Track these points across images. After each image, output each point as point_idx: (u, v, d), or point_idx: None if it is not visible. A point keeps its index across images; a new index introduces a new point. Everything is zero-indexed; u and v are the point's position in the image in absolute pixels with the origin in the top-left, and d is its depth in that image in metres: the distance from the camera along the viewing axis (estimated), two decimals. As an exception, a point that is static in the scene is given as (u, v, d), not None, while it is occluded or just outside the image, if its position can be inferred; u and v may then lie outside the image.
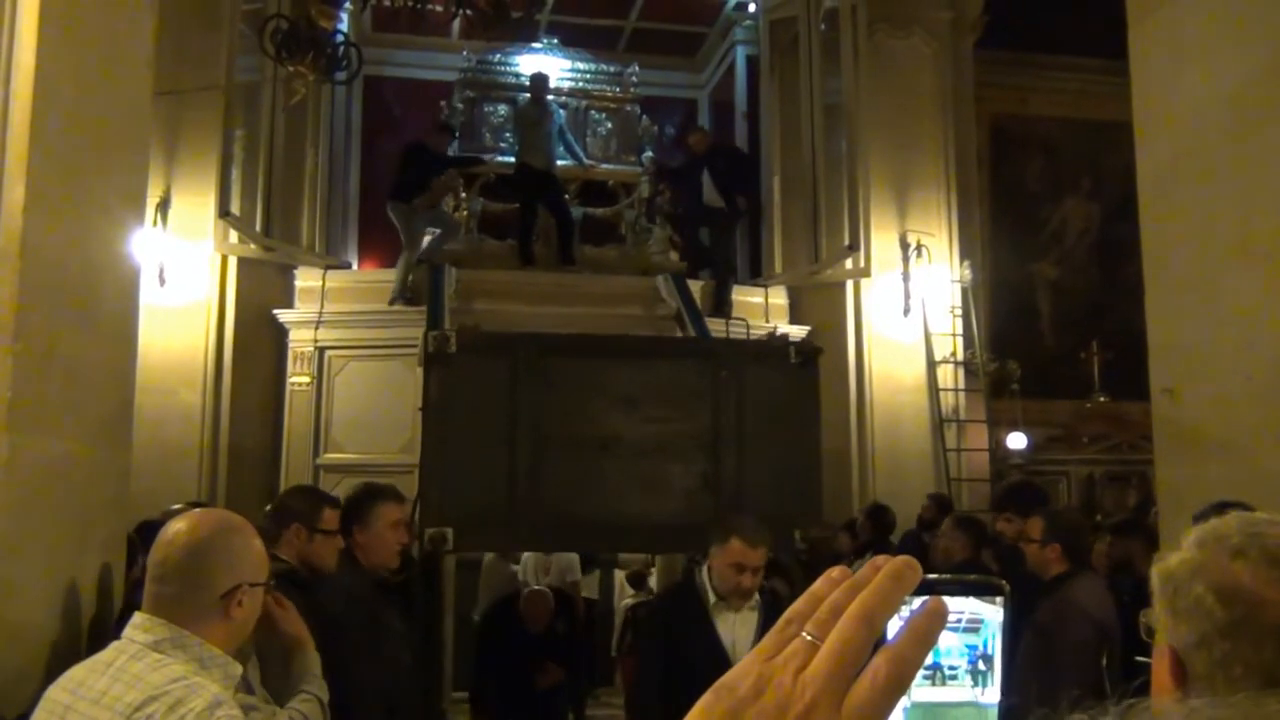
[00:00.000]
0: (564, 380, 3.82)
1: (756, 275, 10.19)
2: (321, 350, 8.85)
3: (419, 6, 6.27)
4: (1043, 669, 3.20)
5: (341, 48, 7.54)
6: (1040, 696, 0.71)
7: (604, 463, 3.70)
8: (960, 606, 0.63)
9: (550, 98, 9.99)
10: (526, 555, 8.45)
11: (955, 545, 5.06)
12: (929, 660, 0.57)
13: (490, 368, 3.81)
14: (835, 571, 0.59)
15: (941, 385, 9.22)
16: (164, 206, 8.14)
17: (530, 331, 7.06)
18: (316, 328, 8.84)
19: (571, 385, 3.81)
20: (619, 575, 9.23)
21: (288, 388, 8.78)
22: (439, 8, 6.94)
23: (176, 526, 1.94)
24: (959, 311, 9.44)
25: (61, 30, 3.34)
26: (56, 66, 3.29)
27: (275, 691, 2.42)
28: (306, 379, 8.79)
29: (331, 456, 8.64)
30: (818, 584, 0.58)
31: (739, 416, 3.82)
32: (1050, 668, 3.29)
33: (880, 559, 0.58)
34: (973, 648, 0.65)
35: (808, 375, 4.03)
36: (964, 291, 9.52)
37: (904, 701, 0.55)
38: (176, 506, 4.45)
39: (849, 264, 9.16)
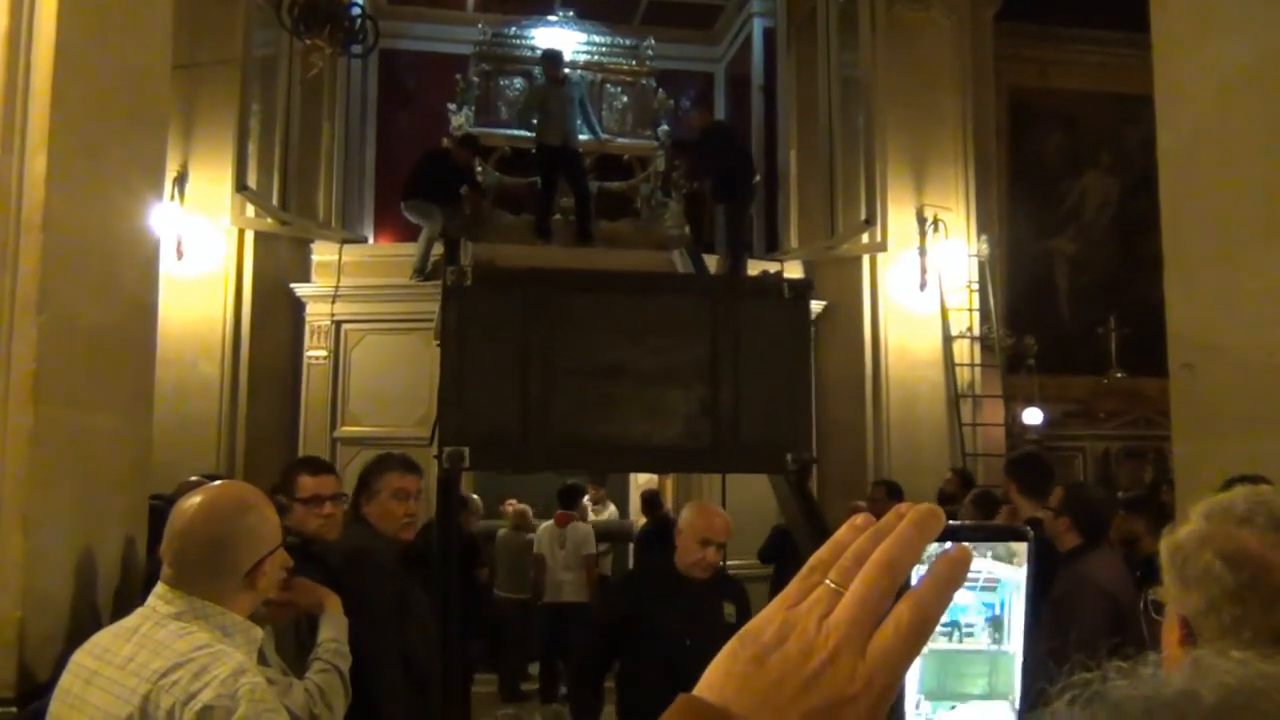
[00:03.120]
0: (572, 312, 4.03)
1: (773, 250, 10.16)
2: (338, 324, 8.89)
3: (435, -21, 6.24)
4: (1056, 640, 3.21)
5: (358, 21, 7.52)
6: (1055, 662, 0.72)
7: (610, 389, 3.91)
8: (978, 566, 0.63)
9: (566, 71, 9.95)
10: (541, 529, 8.52)
11: (970, 520, 5.10)
12: (947, 617, 0.58)
13: (504, 300, 4.01)
14: (859, 519, 0.59)
15: (958, 360, 9.20)
16: (181, 181, 8.18)
17: (541, 267, 7.26)
18: (333, 301, 8.88)
19: (579, 317, 4.02)
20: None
21: (305, 361, 8.83)
22: (455, -20, 6.91)
23: (194, 506, 1.94)
24: (976, 286, 9.40)
25: (81, 4, 3.34)
26: (76, 40, 3.30)
27: (291, 661, 2.45)
28: (323, 352, 8.83)
29: (348, 430, 8.69)
30: (841, 531, 0.59)
31: (735, 348, 4.03)
32: (1064, 641, 3.30)
33: (904, 506, 0.58)
34: (989, 605, 0.65)
35: (800, 309, 4.24)
36: (981, 266, 9.48)
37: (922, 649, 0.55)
38: (193, 478, 4.49)
39: (865, 238, 9.13)
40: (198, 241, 8.27)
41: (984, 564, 0.64)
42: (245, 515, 1.96)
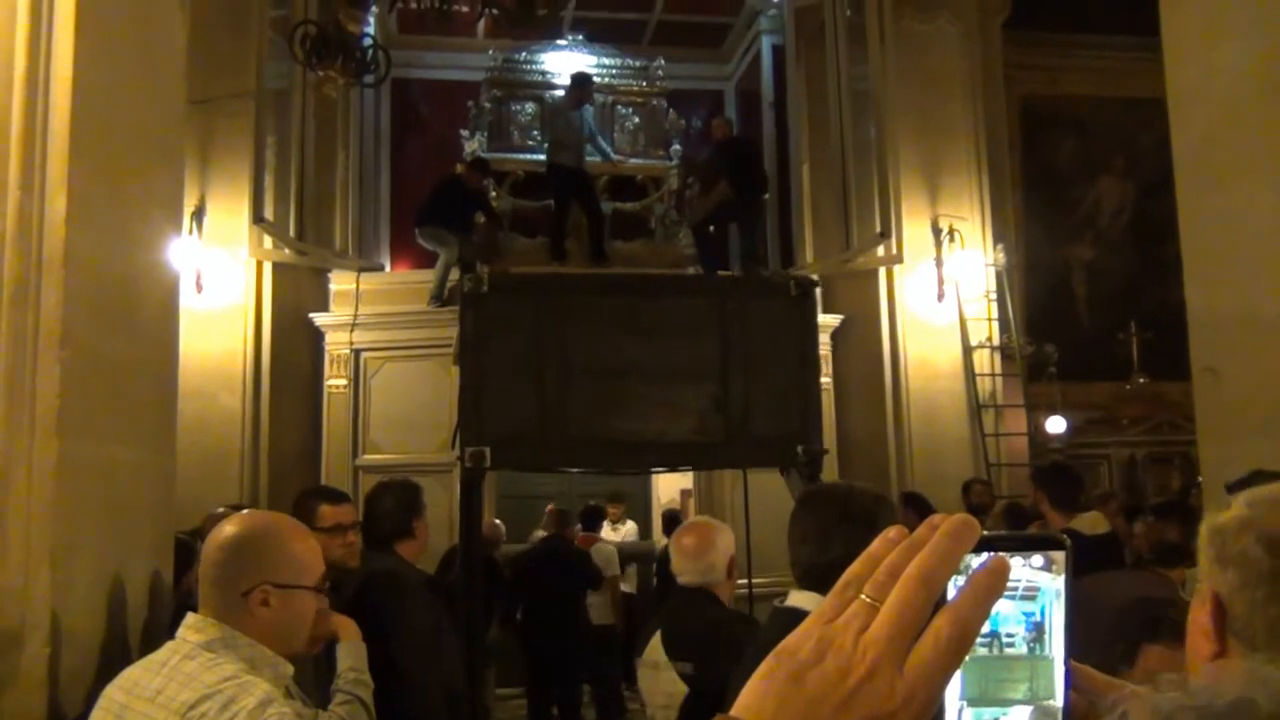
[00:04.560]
0: (586, 315, 4.13)
1: (788, 265, 10.16)
2: (357, 352, 8.92)
3: (445, 8, 6.29)
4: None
5: (370, 51, 7.58)
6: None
7: (623, 387, 4.00)
8: (1017, 575, 0.63)
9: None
10: (565, 551, 8.50)
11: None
12: (986, 627, 0.57)
13: (519, 305, 4.12)
14: (892, 532, 0.58)
15: (978, 370, 9.15)
16: (199, 214, 8.25)
17: (554, 272, 7.31)
18: (352, 330, 8.92)
19: (593, 319, 4.11)
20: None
21: (325, 390, 8.86)
22: (465, 8, 6.97)
23: (221, 526, 2.00)
24: (994, 296, 9.37)
25: (97, 44, 3.39)
26: (93, 79, 3.34)
27: (309, 691, 2.45)
28: (343, 381, 8.87)
29: (370, 458, 8.71)
30: (875, 544, 0.58)
31: (744, 345, 4.11)
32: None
33: (937, 517, 0.57)
34: (1029, 614, 0.65)
35: (806, 306, 4.32)
36: (998, 275, 9.45)
37: None
38: (220, 510, 4.52)
39: (881, 251, 9.11)
40: (217, 274, 8.34)
41: (1023, 573, 0.64)
42: (259, 534, 1.97)
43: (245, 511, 2.07)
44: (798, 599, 2.04)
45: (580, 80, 9.90)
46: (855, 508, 2.04)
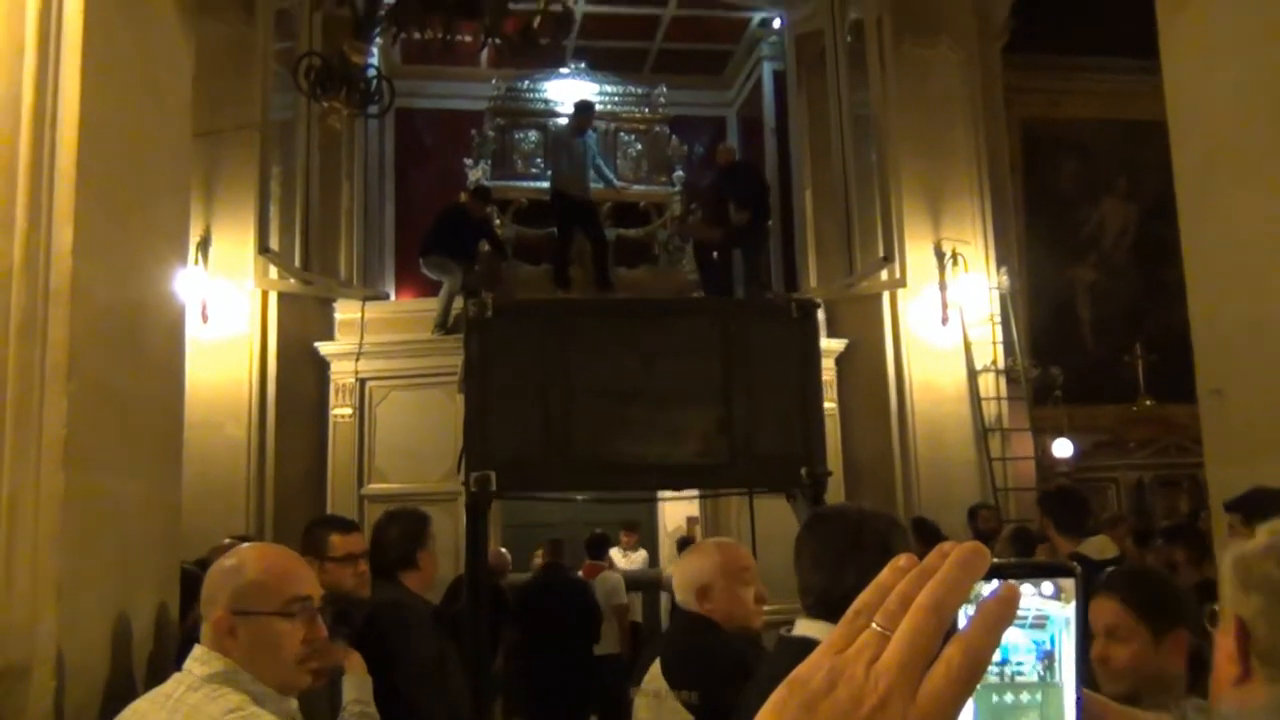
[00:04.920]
0: (589, 338, 4.15)
1: (792, 289, 10.17)
2: (362, 381, 8.93)
3: (448, 38, 6.34)
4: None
5: (374, 82, 7.63)
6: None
7: (627, 410, 4.02)
8: (1026, 603, 0.62)
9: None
10: (571, 580, 8.47)
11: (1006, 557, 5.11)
12: (997, 656, 0.57)
13: (523, 329, 4.15)
14: (902, 559, 0.58)
15: (984, 394, 9.14)
16: (205, 245, 8.28)
17: (557, 298, 7.30)
18: (357, 359, 8.93)
19: (595, 342, 4.14)
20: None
21: (330, 419, 8.86)
22: (468, 38, 7.01)
23: (221, 562, 2.01)
24: (998, 319, 9.36)
25: (103, 77, 3.42)
26: (99, 113, 3.37)
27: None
28: (349, 410, 8.87)
29: (375, 487, 8.70)
30: (884, 573, 0.58)
31: (747, 367, 4.13)
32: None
33: (947, 545, 0.57)
34: (1039, 644, 0.64)
35: (808, 328, 4.33)
36: (1002, 298, 9.45)
37: None
38: (226, 541, 4.51)
39: (884, 275, 9.12)
40: (222, 305, 8.36)
41: (1032, 601, 0.64)
42: (226, 563, 1.97)
43: (250, 543, 2.08)
44: (807, 628, 1.97)
45: (582, 107, 9.98)
46: (868, 533, 1.96)
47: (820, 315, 9.44)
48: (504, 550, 8.50)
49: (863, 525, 2.01)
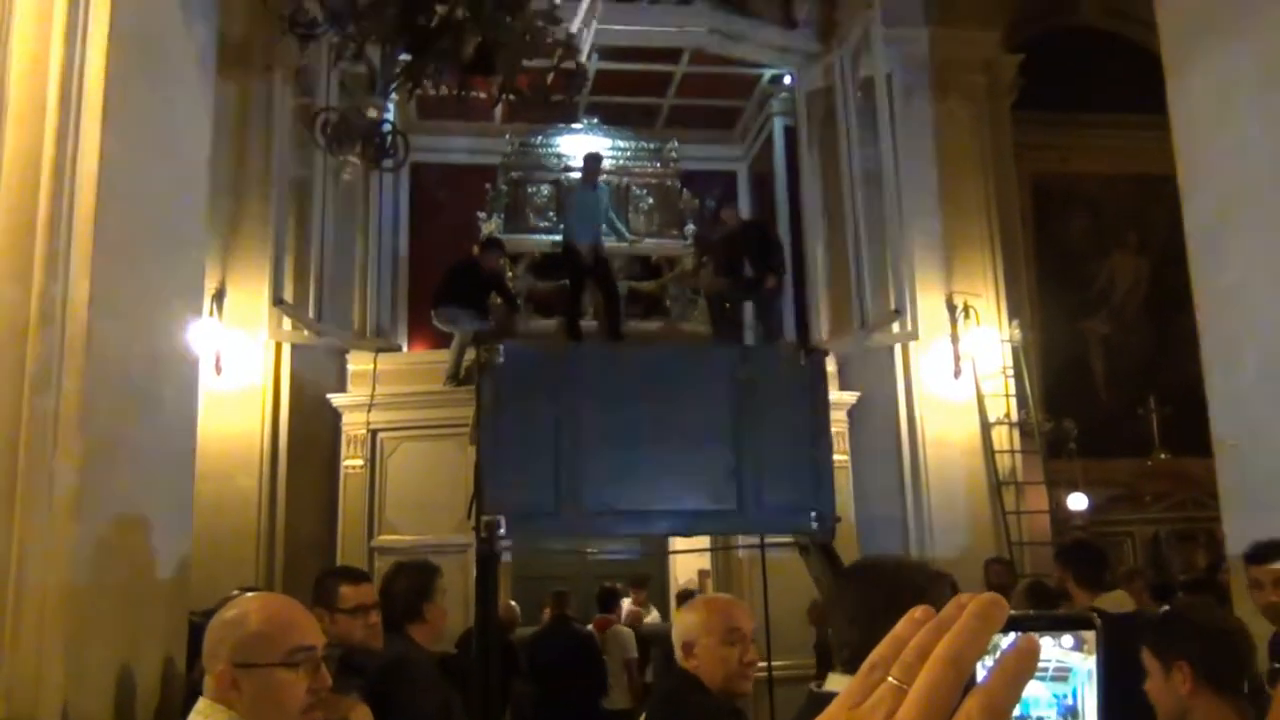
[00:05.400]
0: (599, 384, 4.20)
1: (804, 342, 10.17)
2: (374, 432, 8.93)
3: (463, 94, 6.43)
4: None
5: (389, 137, 7.74)
6: None
7: (636, 457, 4.06)
8: (1047, 655, 0.62)
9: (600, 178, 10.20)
10: (582, 634, 8.39)
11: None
12: (1018, 710, 0.56)
13: (534, 375, 4.21)
14: (918, 612, 0.57)
15: (997, 447, 9.08)
16: (220, 297, 8.34)
17: (568, 343, 7.33)
18: (369, 410, 8.94)
19: (606, 388, 4.18)
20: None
21: (341, 471, 8.85)
22: (482, 94, 7.11)
23: (222, 615, 1.98)
24: (1011, 372, 9.33)
25: (124, 134, 3.47)
26: (119, 169, 3.41)
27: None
28: (360, 461, 8.86)
29: (385, 539, 8.66)
30: (900, 626, 0.57)
31: (756, 413, 4.17)
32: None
33: (964, 596, 0.56)
34: (1060, 697, 0.63)
35: (816, 375, 4.39)
36: (1014, 351, 9.43)
37: None
38: (235, 593, 4.49)
39: (896, 328, 9.12)
40: (236, 356, 8.40)
41: (1053, 652, 0.63)
42: (227, 615, 1.95)
43: (253, 594, 2.05)
44: (838, 684, 1.90)
45: (591, 159, 10.08)
46: (905, 586, 1.89)
47: (832, 367, 9.50)
48: (514, 604, 8.44)
49: (899, 578, 1.96)
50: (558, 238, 10.08)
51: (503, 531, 3.85)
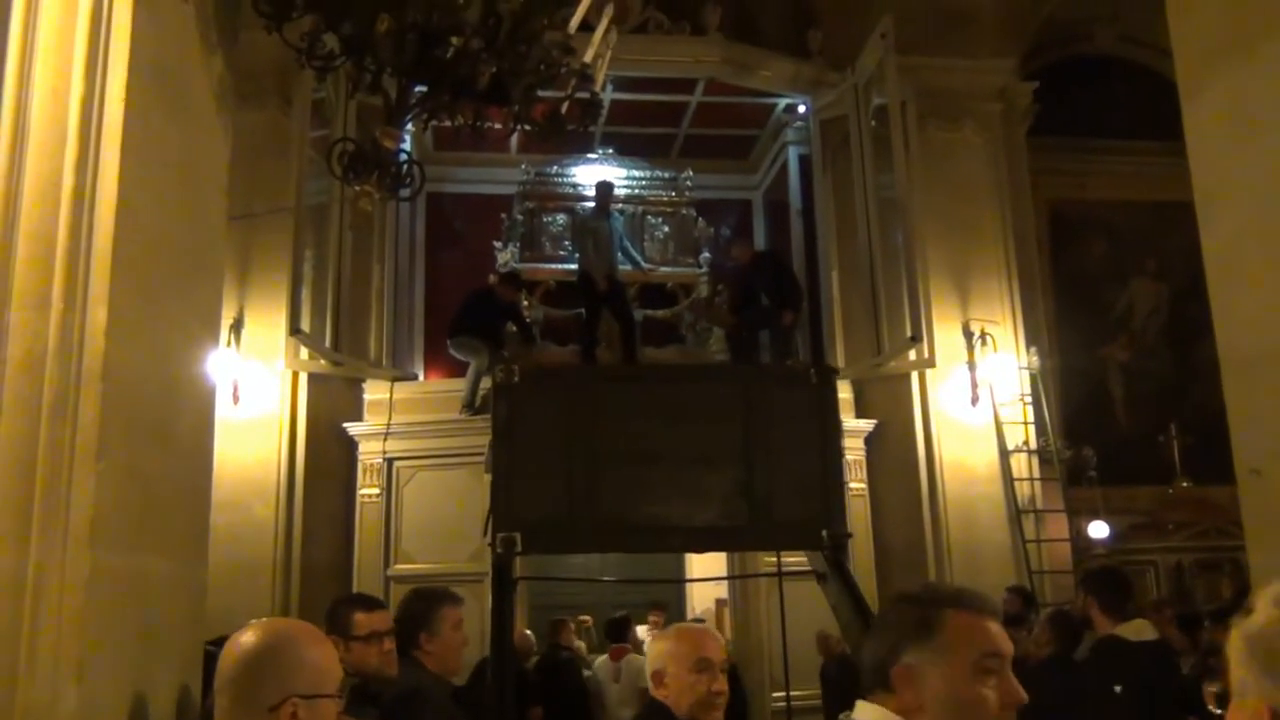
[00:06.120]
0: (613, 403, 4.26)
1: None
2: (390, 461, 8.94)
3: (478, 124, 6.48)
4: None
5: (405, 166, 7.78)
6: None
7: (649, 474, 4.12)
8: None
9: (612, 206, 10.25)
10: (597, 663, 8.34)
11: (1043, 638, 5.09)
12: None
13: (548, 394, 4.28)
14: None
15: (1016, 475, 9.02)
16: (237, 326, 8.40)
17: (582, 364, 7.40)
18: (385, 439, 8.95)
19: (619, 407, 4.24)
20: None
21: (358, 500, 8.86)
22: (497, 124, 7.17)
23: (235, 637, 1.94)
24: (1029, 399, 9.28)
25: (144, 164, 3.50)
26: (138, 198, 3.44)
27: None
28: (376, 490, 8.87)
29: (401, 568, 8.65)
30: None
31: (767, 431, 4.22)
32: None
33: None
34: None
35: (827, 393, 4.41)
36: (1032, 378, 9.38)
37: None
38: (252, 622, 4.47)
39: (912, 355, 9.09)
40: (253, 385, 8.44)
41: None
42: (279, 644, 1.90)
43: (257, 621, 2.01)
44: (870, 712, 1.83)
45: (603, 187, 10.13)
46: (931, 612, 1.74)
47: (849, 395, 9.47)
48: (529, 632, 8.40)
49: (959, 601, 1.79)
50: (574, 266, 10.12)
51: (519, 548, 3.89)
